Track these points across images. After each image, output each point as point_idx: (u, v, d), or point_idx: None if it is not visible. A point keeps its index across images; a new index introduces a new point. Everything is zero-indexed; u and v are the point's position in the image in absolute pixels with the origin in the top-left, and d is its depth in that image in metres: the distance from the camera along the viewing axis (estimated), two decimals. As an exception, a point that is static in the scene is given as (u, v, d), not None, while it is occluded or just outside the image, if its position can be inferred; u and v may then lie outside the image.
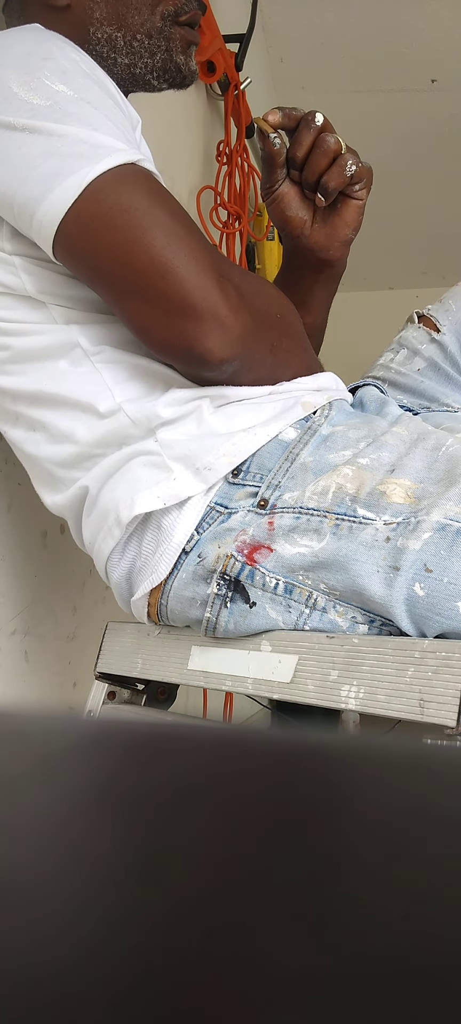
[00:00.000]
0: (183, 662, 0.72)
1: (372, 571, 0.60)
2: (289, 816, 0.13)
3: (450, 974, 0.09)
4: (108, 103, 0.69)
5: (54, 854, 0.12)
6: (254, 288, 0.73)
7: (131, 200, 0.64)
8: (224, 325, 0.65)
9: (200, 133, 1.79)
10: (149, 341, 0.68)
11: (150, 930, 0.10)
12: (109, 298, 0.68)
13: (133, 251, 0.64)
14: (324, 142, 0.78)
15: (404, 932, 0.10)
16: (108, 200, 0.64)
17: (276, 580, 0.64)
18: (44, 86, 0.66)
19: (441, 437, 0.68)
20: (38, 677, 0.99)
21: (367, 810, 0.13)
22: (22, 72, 0.67)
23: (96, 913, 0.10)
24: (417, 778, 0.15)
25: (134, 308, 0.67)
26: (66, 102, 0.66)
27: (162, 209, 0.65)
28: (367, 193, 0.83)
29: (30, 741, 0.17)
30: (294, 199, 0.83)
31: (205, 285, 0.64)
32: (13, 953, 0.09)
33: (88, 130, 0.65)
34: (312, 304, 0.90)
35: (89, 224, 0.64)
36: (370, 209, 0.89)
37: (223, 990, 0.09)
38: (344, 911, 0.10)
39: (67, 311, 0.72)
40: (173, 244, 0.64)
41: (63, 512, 0.78)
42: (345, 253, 0.87)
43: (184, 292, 0.64)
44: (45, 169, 0.64)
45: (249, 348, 0.68)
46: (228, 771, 0.15)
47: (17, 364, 0.73)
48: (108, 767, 0.16)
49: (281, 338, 0.74)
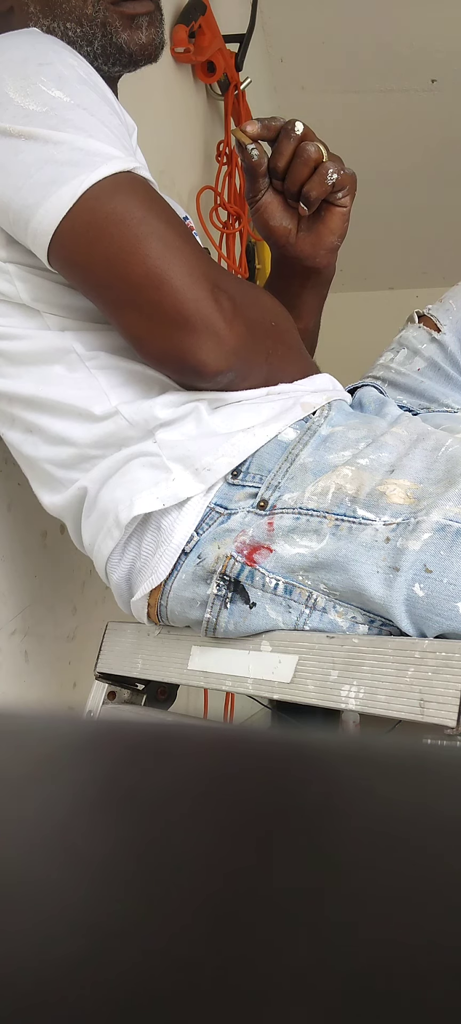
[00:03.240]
0: (183, 662, 0.72)
1: (372, 571, 0.60)
2: (289, 816, 0.13)
3: (450, 977, 0.09)
4: (105, 109, 0.69)
5: (54, 855, 0.12)
6: (249, 297, 0.72)
7: (126, 209, 0.64)
8: (219, 336, 0.65)
9: (200, 133, 1.79)
10: (143, 351, 0.68)
11: (151, 931, 0.10)
12: (104, 307, 0.68)
13: (128, 261, 0.64)
14: (304, 151, 0.77)
15: (404, 934, 0.10)
16: (103, 209, 0.64)
17: (276, 580, 0.64)
18: (40, 92, 0.66)
19: (441, 437, 0.68)
20: (38, 677, 0.99)
21: (367, 810, 0.13)
22: (18, 77, 0.66)
23: (96, 914, 0.10)
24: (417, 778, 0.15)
25: (128, 318, 0.66)
26: (62, 108, 0.65)
27: (157, 218, 0.65)
28: (351, 199, 0.81)
29: (30, 741, 0.17)
30: (277, 209, 0.82)
31: (200, 296, 0.64)
32: (14, 954, 0.09)
33: (84, 137, 0.64)
34: (302, 310, 0.89)
35: (84, 233, 0.64)
36: (370, 209, 0.89)
37: (224, 991, 0.09)
38: (344, 912, 0.10)
39: (61, 319, 0.71)
40: (168, 254, 0.64)
41: (62, 513, 0.78)
42: (332, 260, 0.86)
43: (178, 303, 0.64)
44: (40, 177, 0.64)
45: (244, 359, 0.68)
46: (228, 771, 0.15)
47: (12, 367, 0.73)
48: (108, 767, 0.16)
49: (276, 346, 0.73)
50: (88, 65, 0.72)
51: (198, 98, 1.78)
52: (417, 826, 0.13)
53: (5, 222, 0.68)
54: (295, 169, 0.78)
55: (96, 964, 0.09)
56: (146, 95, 1.32)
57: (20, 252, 0.69)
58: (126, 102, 0.84)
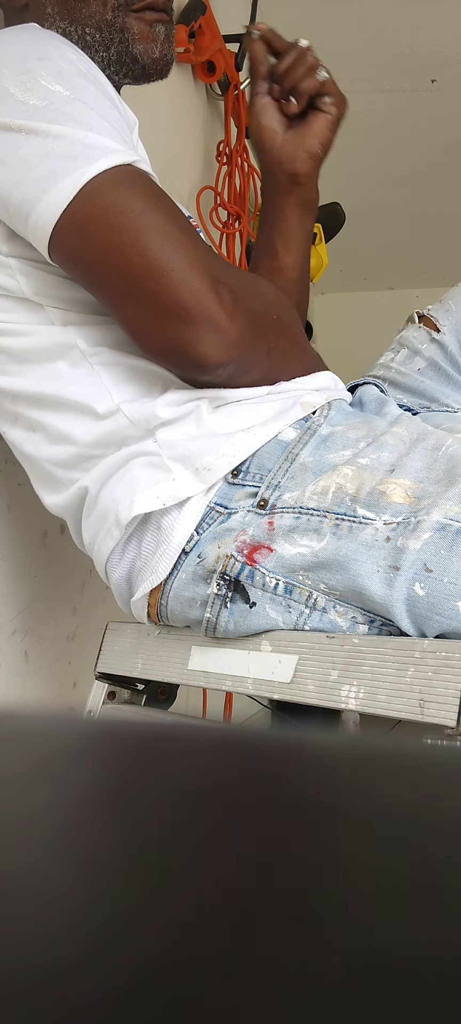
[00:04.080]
0: (183, 662, 0.72)
1: (372, 571, 0.60)
2: (289, 817, 0.13)
3: (450, 978, 0.09)
4: (105, 103, 0.69)
5: (54, 855, 0.12)
6: (250, 290, 0.72)
7: (126, 202, 0.64)
8: (219, 329, 0.65)
9: (200, 133, 1.80)
10: (144, 345, 0.68)
11: (151, 931, 0.10)
12: (104, 301, 0.68)
13: (128, 254, 0.64)
14: (305, 56, 0.85)
15: (404, 935, 0.10)
16: (103, 202, 0.63)
17: (276, 580, 0.64)
18: (40, 86, 0.66)
19: (441, 437, 0.68)
20: (38, 677, 0.99)
21: (367, 811, 0.13)
22: (18, 72, 0.66)
23: (96, 914, 0.10)
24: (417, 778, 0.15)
25: (129, 311, 0.66)
26: (62, 102, 0.65)
27: (157, 211, 0.65)
28: (338, 115, 0.88)
29: (30, 741, 0.17)
30: (270, 110, 0.88)
31: (200, 289, 0.64)
32: (13, 954, 0.09)
33: (84, 131, 0.64)
34: (289, 235, 0.91)
35: (84, 226, 0.64)
36: (370, 209, 0.90)
37: (224, 991, 0.09)
38: (344, 913, 0.10)
39: (64, 313, 0.71)
40: (168, 247, 0.64)
41: (63, 513, 0.78)
42: (310, 169, 0.89)
43: (179, 296, 0.64)
44: (40, 171, 0.64)
45: (244, 352, 0.68)
46: (228, 771, 0.15)
47: (16, 365, 0.73)
48: (108, 767, 0.16)
49: (278, 340, 0.73)
50: (88, 60, 0.72)
51: (198, 98, 1.78)
52: (417, 826, 0.13)
53: (6, 216, 0.68)
54: (293, 68, 0.86)
55: (96, 964, 0.09)
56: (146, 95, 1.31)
57: (22, 246, 0.69)
58: (127, 101, 0.84)
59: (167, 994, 0.09)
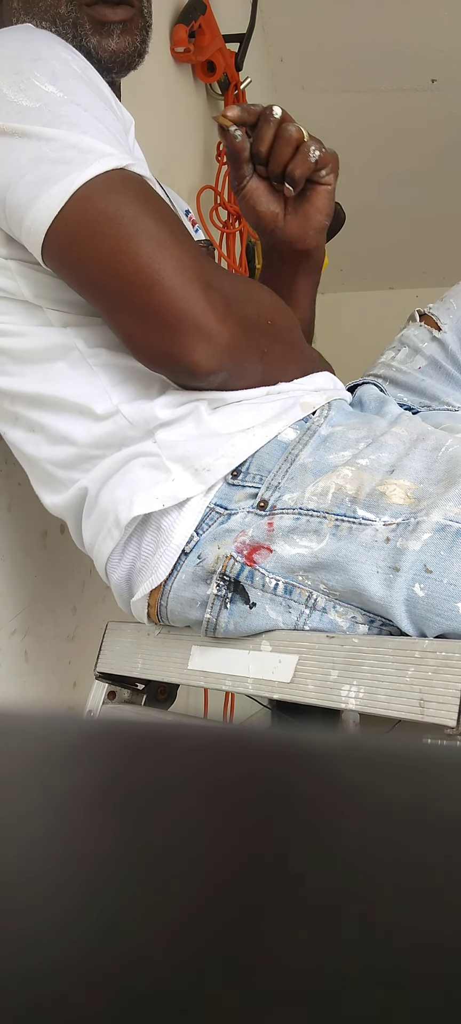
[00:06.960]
0: (183, 662, 0.72)
1: (372, 572, 0.60)
2: (289, 817, 0.13)
3: (450, 979, 0.09)
4: (99, 105, 0.68)
5: (54, 854, 0.12)
6: (244, 295, 0.72)
7: (118, 208, 0.63)
8: (210, 337, 0.65)
9: (200, 133, 1.80)
10: (136, 351, 0.68)
11: (150, 931, 0.10)
12: (97, 306, 0.68)
13: (119, 261, 0.63)
14: (285, 132, 0.79)
15: (405, 935, 0.10)
16: (95, 208, 0.63)
17: (276, 581, 0.64)
18: (34, 87, 0.65)
19: (441, 437, 0.68)
20: (38, 677, 0.99)
21: (367, 810, 0.13)
22: (11, 73, 0.66)
23: (96, 913, 0.10)
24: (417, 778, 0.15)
25: (121, 318, 0.66)
26: (55, 104, 0.65)
27: (149, 217, 0.65)
28: (335, 178, 0.84)
29: (30, 740, 0.17)
30: (264, 194, 0.84)
31: (191, 296, 0.64)
32: (13, 953, 0.09)
33: (77, 134, 0.64)
34: (297, 298, 0.90)
35: (76, 232, 0.63)
36: (370, 209, 0.90)
37: (224, 991, 0.09)
38: (344, 913, 0.10)
39: (63, 315, 0.71)
40: (159, 254, 0.63)
41: (63, 513, 0.78)
42: (320, 241, 0.88)
43: (169, 303, 0.63)
44: (33, 175, 0.64)
45: (236, 358, 0.68)
46: (228, 771, 0.15)
47: (16, 365, 0.73)
48: (108, 767, 0.16)
49: (272, 344, 0.73)
50: (83, 60, 0.72)
51: (198, 98, 1.78)
52: (417, 826, 0.13)
53: (2, 220, 0.68)
54: (278, 151, 0.80)
55: (95, 963, 0.09)
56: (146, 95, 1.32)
57: (21, 249, 0.69)
58: (126, 101, 0.84)
59: (166, 994, 0.09)
